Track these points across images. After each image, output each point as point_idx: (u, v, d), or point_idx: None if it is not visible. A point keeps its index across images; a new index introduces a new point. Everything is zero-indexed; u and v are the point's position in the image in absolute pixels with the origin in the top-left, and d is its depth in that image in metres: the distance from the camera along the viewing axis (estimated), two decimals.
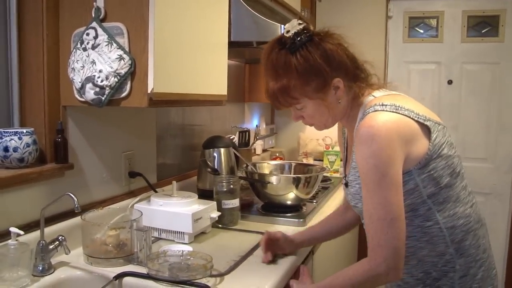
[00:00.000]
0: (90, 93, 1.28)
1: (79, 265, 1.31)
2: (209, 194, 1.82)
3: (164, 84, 1.31)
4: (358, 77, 1.18)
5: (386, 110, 1.08)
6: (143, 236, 1.32)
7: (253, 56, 2.74)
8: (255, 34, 1.83)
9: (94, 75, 1.27)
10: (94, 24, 1.28)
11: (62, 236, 1.28)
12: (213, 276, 1.24)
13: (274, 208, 1.91)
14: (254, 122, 3.07)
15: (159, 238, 1.57)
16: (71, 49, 1.33)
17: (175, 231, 1.55)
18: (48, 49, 1.35)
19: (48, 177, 1.36)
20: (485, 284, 1.17)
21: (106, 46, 1.27)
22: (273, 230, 1.48)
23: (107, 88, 1.27)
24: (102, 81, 1.26)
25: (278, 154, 3.11)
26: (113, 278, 1.22)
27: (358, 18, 3.19)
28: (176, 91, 1.38)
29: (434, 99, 3.17)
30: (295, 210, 1.91)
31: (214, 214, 1.64)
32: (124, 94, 1.28)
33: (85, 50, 1.29)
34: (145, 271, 1.24)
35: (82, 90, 1.30)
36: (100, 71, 1.26)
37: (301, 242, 1.48)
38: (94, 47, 1.28)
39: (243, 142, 2.58)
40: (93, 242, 1.36)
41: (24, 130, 1.30)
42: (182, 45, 1.40)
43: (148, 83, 1.26)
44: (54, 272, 1.25)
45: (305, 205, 1.98)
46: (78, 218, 1.38)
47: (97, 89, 1.27)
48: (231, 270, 1.32)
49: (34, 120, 1.39)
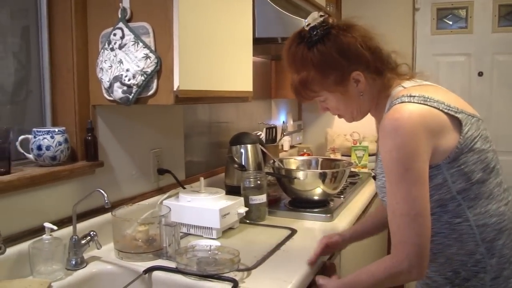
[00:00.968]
0: (118, 92, 1.31)
1: (110, 259, 1.35)
2: (236, 190, 1.84)
3: (189, 81, 1.33)
4: (383, 68, 1.16)
5: (414, 102, 1.05)
6: (172, 231, 1.34)
7: (279, 52, 2.73)
8: (280, 30, 1.83)
9: (122, 74, 1.30)
10: (121, 24, 1.31)
11: (94, 231, 1.32)
12: (240, 270, 1.25)
13: (301, 203, 1.91)
14: (281, 119, 3.07)
15: (188, 234, 1.60)
16: (99, 49, 1.37)
17: (203, 227, 1.57)
18: (77, 50, 1.39)
19: (79, 174, 1.41)
20: None
21: (132, 45, 1.30)
22: (329, 234, 1.46)
23: (134, 86, 1.30)
24: (129, 80, 1.29)
25: (305, 150, 3.10)
26: (142, 272, 1.25)
27: (385, 11, 3.14)
28: (201, 88, 1.40)
29: (464, 92, 3.09)
30: (323, 205, 1.90)
31: (242, 210, 1.66)
32: (151, 92, 1.31)
33: (112, 50, 1.32)
34: (173, 266, 1.26)
35: (110, 89, 1.33)
36: (127, 70, 1.29)
37: (353, 237, 1.46)
38: (121, 47, 1.31)
39: (270, 138, 2.59)
40: (123, 237, 1.39)
41: (56, 129, 1.34)
42: (206, 42, 1.41)
43: (174, 81, 1.28)
44: (86, 266, 1.29)
45: (332, 200, 1.98)
46: (109, 214, 1.42)
47: (124, 88, 1.30)
48: (258, 264, 1.33)
49: (65, 119, 1.43)
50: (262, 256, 1.40)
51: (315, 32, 1.13)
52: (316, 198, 1.88)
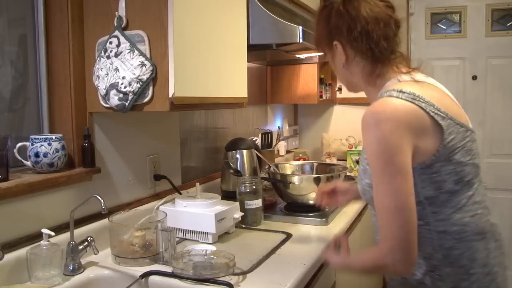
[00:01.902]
0: (114, 99, 1.33)
1: (108, 264, 1.36)
2: (232, 195, 1.86)
3: (184, 88, 1.35)
4: (372, 49, 1.15)
5: (401, 98, 1.04)
6: (168, 236, 1.36)
7: (274, 58, 2.78)
8: (274, 37, 1.86)
9: (118, 82, 1.32)
10: (117, 32, 1.34)
11: (91, 237, 1.34)
12: (235, 274, 1.27)
13: (296, 208, 1.92)
14: (277, 124, 3.09)
15: (184, 239, 1.62)
16: (96, 57, 1.39)
17: (199, 232, 1.58)
18: (74, 58, 1.41)
19: (76, 180, 1.42)
20: None
21: (128, 53, 1.32)
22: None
23: (130, 94, 1.32)
24: (125, 87, 1.31)
25: (301, 155, 3.12)
26: (139, 276, 1.26)
27: None
28: (197, 95, 1.42)
29: (459, 96, 3.08)
30: (318, 209, 1.91)
31: (237, 215, 1.67)
32: (146, 99, 1.33)
33: (108, 58, 1.34)
34: (170, 270, 1.28)
35: (106, 96, 1.35)
36: (123, 78, 1.31)
37: (353, 191, 1.49)
38: (117, 55, 1.33)
39: (266, 143, 2.61)
40: (120, 242, 1.41)
41: (53, 136, 1.36)
42: (201, 49, 1.44)
43: (169, 88, 1.30)
44: (84, 271, 1.31)
45: None
46: (106, 220, 1.44)
47: (120, 95, 1.32)
48: (254, 268, 1.34)
49: (63, 126, 1.45)
50: (257, 260, 1.41)
51: (324, 3, 1.23)
52: (311, 202, 1.90)
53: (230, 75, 1.63)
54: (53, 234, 1.23)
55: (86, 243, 1.32)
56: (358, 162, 1.31)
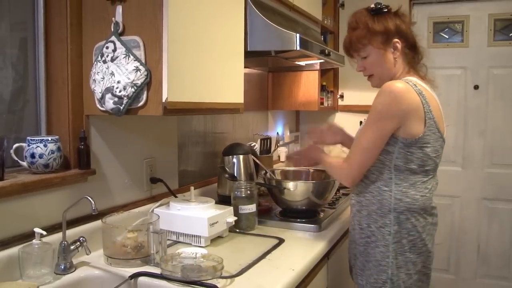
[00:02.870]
0: (109, 102, 1.36)
1: (99, 265, 1.39)
2: (228, 200, 1.87)
3: (178, 93, 1.37)
4: (413, 52, 1.55)
5: (414, 89, 1.43)
6: (159, 238, 1.38)
7: (276, 64, 2.80)
8: (272, 44, 1.87)
9: (113, 86, 1.35)
10: (113, 38, 1.36)
11: (83, 237, 1.36)
12: (223, 277, 1.29)
13: (291, 213, 1.94)
14: (277, 130, 3.11)
15: (177, 242, 1.64)
16: (93, 61, 1.42)
17: (192, 235, 1.60)
18: (72, 62, 1.44)
19: (71, 181, 1.45)
20: (417, 259, 1.50)
21: (124, 58, 1.35)
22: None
23: (125, 98, 1.34)
24: (120, 91, 1.34)
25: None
26: (128, 277, 1.28)
27: None
28: (190, 100, 1.44)
29: (460, 105, 3.13)
30: (313, 215, 1.93)
31: (230, 219, 1.69)
32: (141, 104, 1.36)
33: (105, 62, 1.37)
34: (159, 272, 1.30)
35: (102, 100, 1.38)
36: (118, 82, 1.34)
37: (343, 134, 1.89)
38: (113, 60, 1.36)
39: (265, 149, 2.62)
40: (113, 243, 1.43)
41: (49, 138, 1.39)
42: (196, 55, 1.46)
43: (162, 93, 1.33)
44: (75, 271, 1.33)
45: (323, 211, 2.01)
46: (100, 221, 1.46)
47: (115, 99, 1.35)
48: (242, 272, 1.36)
49: (60, 128, 1.48)
50: (247, 264, 1.43)
51: (379, 6, 1.53)
52: (305, 208, 1.91)
53: (226, 81, 1.65)
54: (44, 233, 1.26)
55: (78, 243, 1.35)
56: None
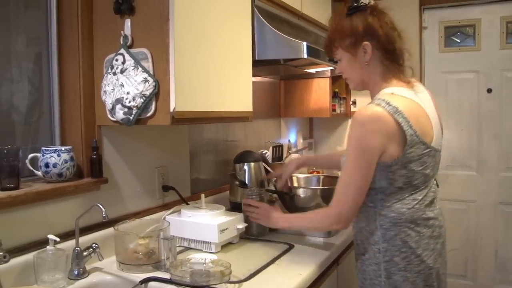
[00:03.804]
0: (119, 113, 1.41)
1: (111, 270, 1.42)
2: (240, 207, 1.90)
3: (185, 103, 1.41)
4: (390, 55, 1.38)
5: (386, 109, 1.28)
6: (169, 244, 1.41)
7: (287, 72, 2.82)
8: (279, 52, 1.90)
9: (123, 97, 1.39)
10: (122, 50, 1.41)
11: (96, 244, 1.41)
12: (231, 282, 1.31)
13: None
14: (290, 137, 3.13)
15: (189, 248, 1.67)
16: (103, 73, 1.47)
17: (203, 241, 1.63)
18: (83, 74, 1.50)
19: (84, 190, 1.50)
20: (416, 278, 1.35)
21: (133, 70, 1.39)
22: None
23: (134, 108, 1.39)
24: (129, 102, 1.38)
25: (315, 168, 3.14)
26: (139, 282, 1.32)
27: None
28: (198, 109, 1.48)
29: (473, 109, 3.10)
30: None
31: (241, 225, 1.72)
32: (149, 114, 1.40)
33: (114, 74, 1.42)
34: (169, 277, 1.33)
35: (113, 110, 1.43)
36: (127, 93, 1.38)
37: (307, 162, 2.04)
38: (122, 71, 1.41)
39: (277, 156, 2.65)
40: (125, 250, 1.47)
41: (62, 148, 1.44)
42: (204, 65, 1.50)
43: (170, 103, 1.37)
44: (88, 276, 1.37)
45: None
46: (112, 229, 1.50)
47: (125, 109, 1.40)
48: (251, 277, 1.38)
49: (73, 139, 1.53)
50: (256, 269, 1.45)
51: (355, 4, 1.40)
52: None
53: (234, 90, 1.69)
54: (58, 240, 1.30)
55: (91, 250, 1.39)
56: None
